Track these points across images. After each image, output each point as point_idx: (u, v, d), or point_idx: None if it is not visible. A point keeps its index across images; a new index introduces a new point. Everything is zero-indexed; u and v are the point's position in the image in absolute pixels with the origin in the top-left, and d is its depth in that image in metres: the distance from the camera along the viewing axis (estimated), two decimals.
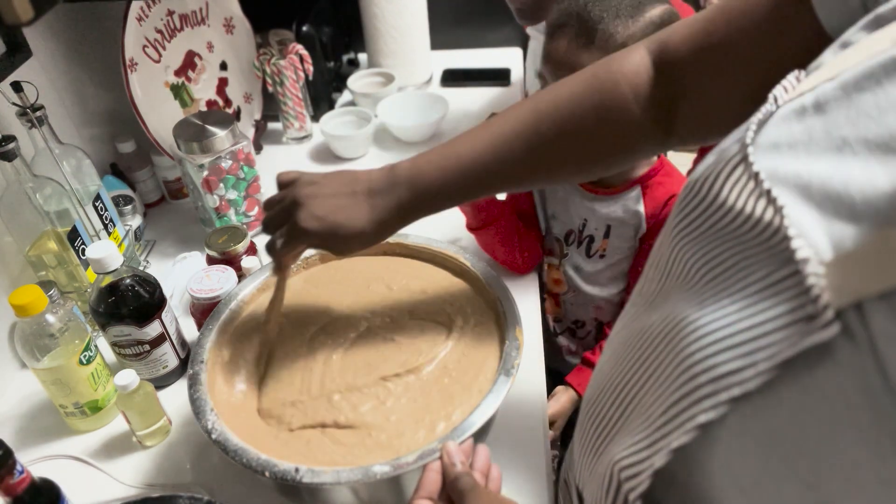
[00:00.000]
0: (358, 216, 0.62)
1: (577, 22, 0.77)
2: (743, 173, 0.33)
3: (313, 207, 0.62)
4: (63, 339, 0.73)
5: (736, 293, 0.32)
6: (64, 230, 0.84)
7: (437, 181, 0.61)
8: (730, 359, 0.31)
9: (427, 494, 0.54)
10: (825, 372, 0.28)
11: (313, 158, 1.28)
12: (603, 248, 0.91)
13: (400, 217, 0.63)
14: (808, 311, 0.28)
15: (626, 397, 0.42)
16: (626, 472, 0.39)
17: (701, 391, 0.33)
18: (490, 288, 0.76)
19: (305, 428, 0.65)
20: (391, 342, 0.72)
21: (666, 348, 0.37)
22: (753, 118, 0.35)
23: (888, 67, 0.30)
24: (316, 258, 0.84)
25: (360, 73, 1.41)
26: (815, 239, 0.29)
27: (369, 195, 0.62)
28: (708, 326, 0.33)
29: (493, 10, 1.52)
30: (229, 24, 1.19)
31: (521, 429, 0.75)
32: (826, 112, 0.32)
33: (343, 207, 0.62)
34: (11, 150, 0.76)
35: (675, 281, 0.38)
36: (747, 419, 0.31)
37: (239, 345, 0.74)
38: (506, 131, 0.58)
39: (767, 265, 0.31)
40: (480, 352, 0.71)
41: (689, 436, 0.33)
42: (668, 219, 0.41)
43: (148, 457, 0.77)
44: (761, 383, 0.30)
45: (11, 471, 0.58)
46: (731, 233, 0.34)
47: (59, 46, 1.00)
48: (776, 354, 0.29)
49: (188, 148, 0.96)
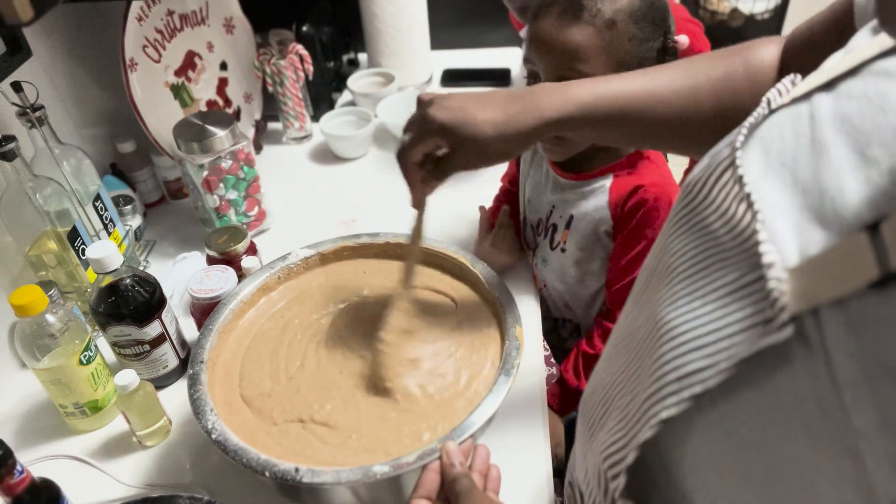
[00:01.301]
0: (489, 113, 0.58)
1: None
2: (731, 177, 0.34)
3: (445, 101, 0.60)
4: (63, 339, 0.73)
5: (708, 294, 0.33)
6: (64, 230, 0.84)
7: (582, 100, 0.57)
8: (696, 359, 0.32)
9: (426, 494, 0.54)
10: (781, 375, 0.29)
11: (313, 158, 1.28)
12: (563, 239, 0.90)
13: (532, 128, 0.58)
14: (766, 314, 0.29)
15: (610, 395, 0.43)
16: (610, 471, 0.40)
17: (667, 388, 0.34)
18: (490, 288, 0.76)
19: (288, 422, 0.66)
20: (389, 341, 0.72)
21: (647, 349, 0.38)
22: (746, 121, 0.36)
23: (876, 74, 0.30)
24: (316, 258, 0.84)
25: (360, 73, 1.41)
26: (784, 244, 0.30)
27: (507, 99, 0.59)
28: (680, 328, 0.34)
29: (493, 10, 1.52)
30: (229, 24, 1.19)
31: (521, 429, 0.75)
32: (815, 120, 0.32)
33: (476, 102, 0.59)
34: (11, 150, 0.76)
35: (658, 278, 0.39)
36: (711, 419, 0.32)
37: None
38: (662, 85, 0.57)
39: (739, 268, 0.32)
40: (480, 351, 0.71)
41: (653, 430, 0.34)
42: (666, 219, 0.41)
43: (148, 457, 0.77)
44: (720, 381, 0.31)
45: (11, 471, 0.58)
46: (713, 233, 0.35)
47: (59, 46, 1.00)
48: (734, 355, 0.30)
49: (188, 148, 0.96)
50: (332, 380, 0.69)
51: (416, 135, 0.61)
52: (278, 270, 0.82)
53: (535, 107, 0.58)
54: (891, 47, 0.31)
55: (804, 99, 0.34)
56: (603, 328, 0.89)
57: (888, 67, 0.30)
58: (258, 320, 0.78)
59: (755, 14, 2.41)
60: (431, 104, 0.60)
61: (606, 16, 0.73)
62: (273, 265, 0.82)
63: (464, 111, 0.59)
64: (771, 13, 2.42)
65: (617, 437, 0.39)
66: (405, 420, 0.65)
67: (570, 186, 0.87)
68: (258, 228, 1.09)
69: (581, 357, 0.89)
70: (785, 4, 2.42)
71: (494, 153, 0.60)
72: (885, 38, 0.32)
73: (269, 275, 0.81)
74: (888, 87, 0.30)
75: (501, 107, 0.58)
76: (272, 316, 0.79)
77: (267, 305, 0.80)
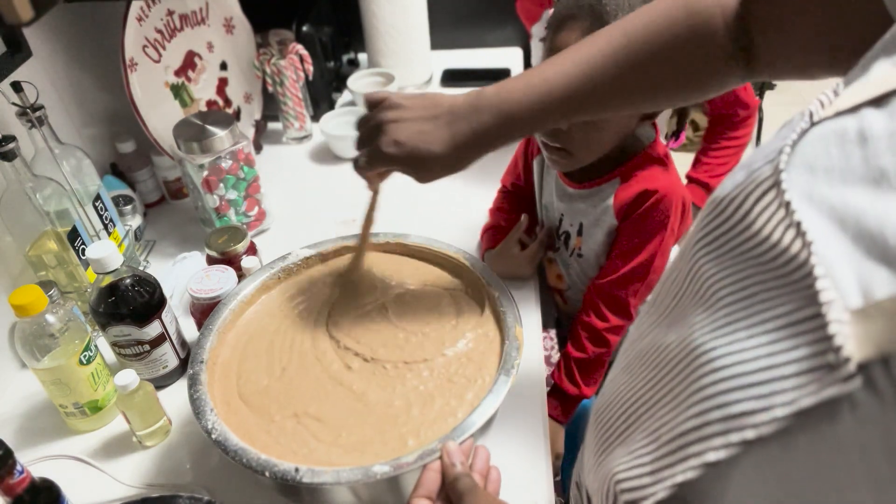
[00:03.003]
0: (437, 141, 0.61)
1: (589, 14, 0.74)
2: (774, 199, 0.31)
3: (394, 133, 0.62)
4: (63, 339, 0.73)
5: (755, 325, 0.31)
6: (64, 230, 0.84)
7: (524, 104, 0.59)
8: (744, 398, 0.30)
9: (426, 493, 0.54)
10: (845, 424, 0.26)
11: (313, 158, 1.28)
12: (578, 245, 0.90)
13: (481, 143, 0.61)
14: (828, 359, 0.26)
15: (634, 412, 0.41)
16: (626, 496, 0.38)
17: (711, 428, 0.31)
18: (490, 287, 0.76)
19: (285, 418, 0.66)
20: (386, 342, 0.72)
21: (681, 374, 0.35)
22: (787, 137, 0.32)
23: None
24: (316, 258, 0.84)
25: (360, 73, 1.41)
26: (842, 281, 0.27)
27: (451, 120, 0.61)
28: (724, 359, 0.31)
29: (493, 10, 1.52)
30: (229, 24, 1.19)
31: (521, 429, 0.75)
32: (868, 140, 0.29)
33: (423, 132, 0.61)
34: (11, 150, 0.76)
35: (693, 298, 0.37)
36: (761, 463, 0.30)
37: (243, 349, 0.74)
38: (594, 54, 0.57)
39: (790, 301, 0.29)
40: (480, 351, 0.71)
41: (695, 473, 0.32)
42: (689, 231, 0.39)
43: (148, 457, 0.77)
44: (777, 429, 0.28)
45: (11, 471, 0.58)
46: (755, 258, 0.32)
47: (59, 46, 1.00)
48: (794, 401, 0.27)
49: (188, 148, 0.96)
50: (326, 377, 0.69)
51: (368, 161, 0.65)
52: (278, 270, 0.82)
53: (482, 118, 0.60)
54: None
55: (851, 113, 0.30)
56: (591, 330, 0.88)
57: None
58: (257, 320, 0.78)
59: None
60: (382, 133, 0.62)
61: None
62: (273, 265, 0.82)
63: (414, 147, 0.61)
64: None
65: (642, 462, 0.37)
66: (401, 420, 0.65)
67: (578, 195, 0.88)
68: (258, 228, 1.09)
69: (574, 363, 0.88)
70: None
71: (453, 170, 0.63)
72: None
73: (269, 275, 0.81)
74: None
75: (448, 134, 0.61)
76: (270, 314, 0.79)
77: (267, 305, 0.80)
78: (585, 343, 0.87)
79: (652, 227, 0.82)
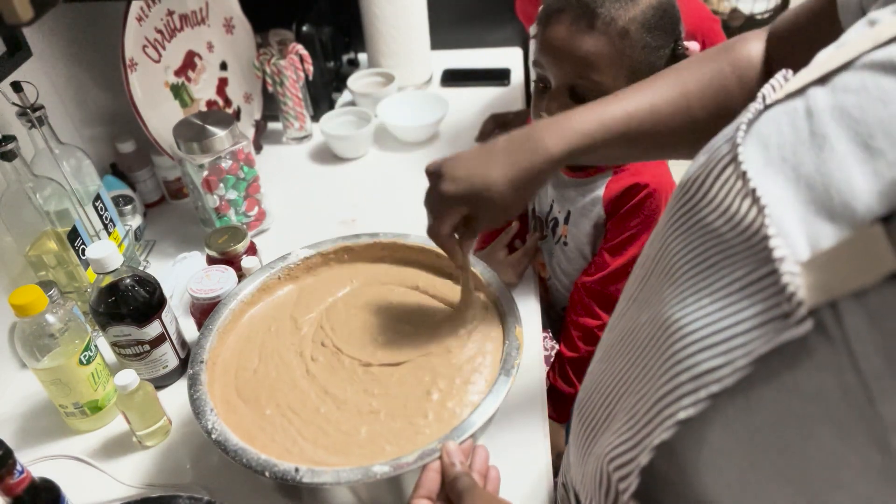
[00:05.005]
0: (494, 174, 0.59)
1: (576, 6, 0.75)
2: (732, 173, 0.34)
3: (452, 171, 0.61)
4: (63, 339, 0.73)
5: (717, 291, 0.33)
6: (64, 230, 0.84)
7: (584, 129, 0.58)
8: (709, 357, 0.32)
9: (426, 493, 0.54)
10: (802, 370, 0.29)
11: (313, 158, 1.28)
12: (564, 234, 0.90)
13: (541, 171, 0.59)
14: (783, 309, 0.29)
15: (614, 397, 0.42)
16: (618, 473, 0.39)
17: (682, 389, 0.33)
18: (490, 288, 0.76)
19: (275, 412, 0.66)
20: (385, 341, 0.72)
21: (654, 348, 0.37)
22: (743, 117, 0.36)
23: (871, 67, 0.30)
24: (316, 259, 0.84)
25: (360, 73, 1.41)
26: (793, 238, 0.30)
27: (507, 152, 0.60)
28: (690, 326, 0.34)
29: (493, 10, 1.52)
30: (229, 24, 1.19)
31: (520, 429, 0.75)
32: (814, 114, 0.32)
33: (480, 166, 0.60)
34: (11, 150, 0.76)
35: (661, 277, 0.39)
36: (730, 418, 0.32)
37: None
38: (656, 100, 0.57)
39: (748, 264, 0.32)
40: (480, 352, 0.71)
41: (670, 432, 0.34)
42: (660, 218, 0.41)
43: (148, 457, 0.77)
44: (738, 379, 0.30)
45: (11, 471, 0.58)
46: (716, 230, 0.34)
47: (59, 46, 1.00)
48: (752, 351, 0.30)
49: (188, 148, 0.96)
50: (326, 380, 0.69)
51: (437, 213, 0.64)
52: (278, 270, 0.82)
53: (541, 147, 0.58)
54: (885, 40, 0.31)
55: (799, 94, 0.34)
56: (582, 328, 0.88)
57: (883, 60, 0.30)
58: (257, 319, 0.78)
59: (755, 14, 2.41)
60: (441, 178, 0.61)
61: (620, 25, 0.73)
62: (273, 265, 0.82)
63: (472, 179, 0.60)
64: (771, 13, 2.41)
65: (625, 438, 0.39)
66: (402, 422, 0.65)
67: (572, 183, 0.88)
68: (258, 228, 1.09)
69: (567, 362, 0.89)
70: (785, 4, 2.42)
71: (514, 204, 0.61)
72: (878, 31, 0.32)
73: (269, 275, 0.81)
74: (886, 79, 0.30)
75: (507, 160, 0.59)
76: (269, 313, 0.79)
77: (267, 305, 0.80)
78: (577, 343, 0.88)
79: (642, 222, 0.82)
